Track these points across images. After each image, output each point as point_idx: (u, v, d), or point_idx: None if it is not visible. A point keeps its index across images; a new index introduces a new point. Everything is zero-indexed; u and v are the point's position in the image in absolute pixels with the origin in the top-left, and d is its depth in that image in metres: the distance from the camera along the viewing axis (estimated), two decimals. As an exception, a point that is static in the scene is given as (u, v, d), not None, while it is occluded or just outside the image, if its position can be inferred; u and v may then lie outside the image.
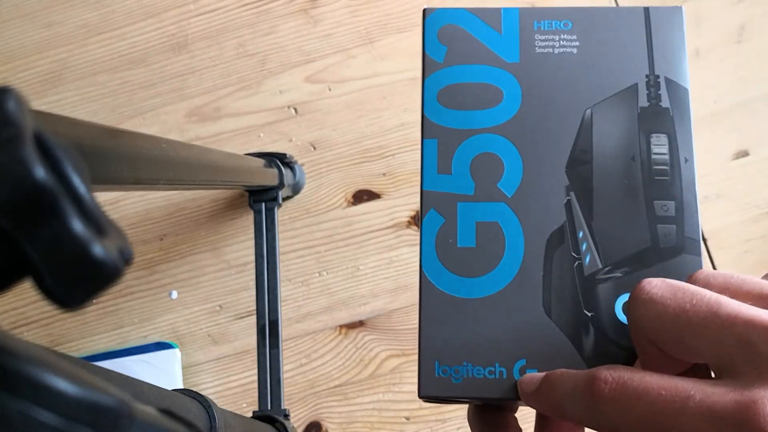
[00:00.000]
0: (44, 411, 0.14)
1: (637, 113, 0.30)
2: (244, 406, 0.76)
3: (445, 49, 0.31)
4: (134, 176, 0.34)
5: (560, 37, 0.31)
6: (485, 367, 0.27)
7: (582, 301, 0.28)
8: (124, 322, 0.79)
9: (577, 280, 0.28)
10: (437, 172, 0.30)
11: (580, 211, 0.29)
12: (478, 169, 0.30)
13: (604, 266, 0.28)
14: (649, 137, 0.29)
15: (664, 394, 0.20)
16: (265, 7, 0.84)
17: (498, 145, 0.30)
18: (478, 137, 0.30)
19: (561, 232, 0.29)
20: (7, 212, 0.13)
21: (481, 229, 0.29)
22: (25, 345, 0.15)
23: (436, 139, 0.30)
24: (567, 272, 0.28)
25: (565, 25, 0.31)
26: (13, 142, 0.13)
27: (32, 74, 0.85)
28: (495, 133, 0.30)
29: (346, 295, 0.77)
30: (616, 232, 0.28)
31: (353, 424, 0.74)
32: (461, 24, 0.31)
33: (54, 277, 0.14)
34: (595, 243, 0.28)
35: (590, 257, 0.28)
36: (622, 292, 0.28)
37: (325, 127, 0.81)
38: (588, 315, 0.28)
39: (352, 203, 0.79)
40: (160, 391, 0.31)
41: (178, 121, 0.82)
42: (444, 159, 0.30)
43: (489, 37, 0.31)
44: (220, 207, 0.80)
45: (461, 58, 0.31)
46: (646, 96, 0.30)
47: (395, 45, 0.82)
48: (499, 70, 0.31)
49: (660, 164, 0.29)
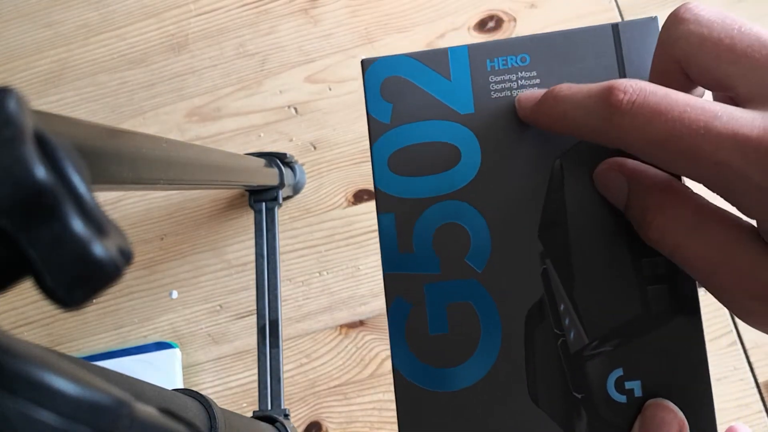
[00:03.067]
0: (44, 411, 0.14)
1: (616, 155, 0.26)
2: (244, 406, 0.76)
3: (390, 106, 0.27)
4: (134, 176, 0.34)
5: (518, 75, 0.26)
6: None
7: (570, 383, 0.25)
8: (124, 322, 0.79)
9: (563, 359, 0.25)
10: (398, 251, 0.26)
11: (558, 281, 0.25)
12: (442, 242, 0.26)
13: (590, 341, 0.25)
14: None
15: (689, 111, 0.19)
16: (265, 7, 0.84)
17: (461, 212, 0.26)
18: (437, 206, 0.26)
19: (540, 306, 0.25)
20: (7, 212, 0.13)
21: (452, 312, 0.26)
22: (25, 345, 0.15)
23: (392, 213, 0.26)
24: (551, 351, 0.25)
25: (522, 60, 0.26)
26: (13, 142, 0.13)
27: (32, 74, 0.85)
28: (456, 199, 0.26)
29: (346, 295, 0.77)
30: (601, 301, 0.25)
31: (353, 424, 0.74)
32: (404, 74, 0.27)
33: (54, 276, 0.14)
34: (578, 315, 0.25)
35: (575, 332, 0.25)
36: (613, 368, 0.25)
37: (325, 126, 0.81)
38: (578, 397, 0.25)
39: (353, 203, 0.79)
40: (160, 391, 0.31)
41: (178, 121, 0.82)
42: (404, 235, 0.26)
43: (437, 86, 0.27)
44: (220, 207, 0.80)
45: (409, 115, 0.27)
46: None
47: (395, 45, 0.82)
48: (453, 125, 0.27)
49: None
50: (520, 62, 0.26)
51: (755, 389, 0.71)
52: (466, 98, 0.27)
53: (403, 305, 0.26)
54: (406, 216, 0.26)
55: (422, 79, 0.27)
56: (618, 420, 0.25)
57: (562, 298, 0.25)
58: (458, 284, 0.26)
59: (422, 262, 0.26)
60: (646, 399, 0.25)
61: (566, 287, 0.25)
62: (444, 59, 0.27)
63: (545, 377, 0.25)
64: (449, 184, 0.26)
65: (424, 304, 0.26)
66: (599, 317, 0.25)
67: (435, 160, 0.27)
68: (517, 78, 0.26)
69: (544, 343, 0.25)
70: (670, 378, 0.24)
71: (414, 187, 0.27)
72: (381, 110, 0.27)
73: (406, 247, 0.26)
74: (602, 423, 0.25)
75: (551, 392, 0.25)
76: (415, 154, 0.27)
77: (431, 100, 0.27)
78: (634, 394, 0.25)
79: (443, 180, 0.26)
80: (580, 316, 0.25)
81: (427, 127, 0.27)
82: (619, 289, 0.25)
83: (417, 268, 0.26)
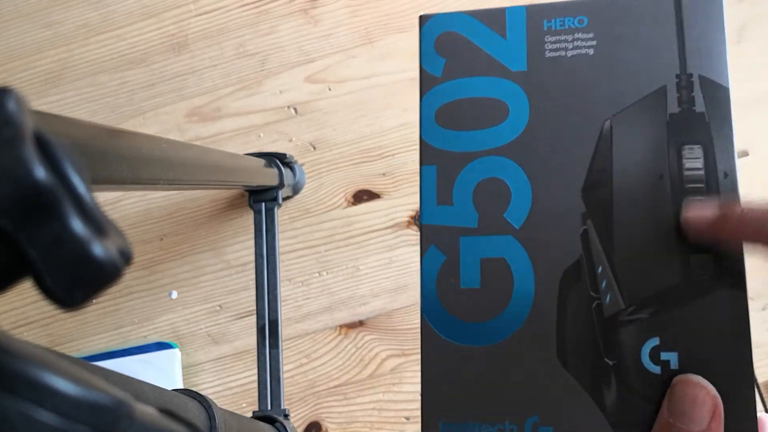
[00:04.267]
0: (44, 411, 0.14)
1: (666, 121, 0.25)
2: (244, 406, 0.76)
3: (444, 61, 0.28)
4: (134, 176, 0.34)
5: (574, 36, 0.27)
6: (494, 424, 0.25)
7: (602, 348, 0.24)
8: (124, 322, 0.79)
9: (596, 323, 0.25)
10: (437, 203, 0.27)
11: (598, 243, 0.25)
12: (482, 197, 0.26)
13: (627, 306, 0.24)
14: (681, 149, 0.25)
15: None
16: (265, 7, 0.84)
17: (503, 168, 0.26)
18: (481, 161, 0.27)
19: (577, 267, 0.25)
20: (7, 212, 0.13)
21: (486, 266, 0.26)
22: (25, 345, 0.15)
23: (434, 165, 0.27)
24: (584, 314, 0.25)
25: (580, 22, 0.27)
26: (13, 142, 0.13)
27: (32, 74, 0.85)
28: (500, 155, 0.26)
29: (346, 295, 0.77)
30: (640, 266, 0.24)
31: (353, 424, 0.74)
32: (461, 30, 0.28)
33: (54, 276, 0.14)
34: (616, 279, 0.25)
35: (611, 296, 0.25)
36: (649, 337, 0.24)
37: (325, 127, 0.81)
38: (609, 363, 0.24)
39: (352, 203, 0.79)
40: (160, 391, 0.31)
41: (178, 121, 0.82)
42: (444, 188, 0.27)
43: (492, 44, 0.27)
44: (220, 207, 0.80)
45: (461, 70, 0.27)
46: (677, 100, 0.25)
47: (395, 45, 0.82)
48: (504, 81, 0.27)
49: (694, 181, 0.25)
50: (578, 24, 0.27)
51: (755, 389, 0.71)
52: (519, 56, 0.27)
53: (437, 255, 0.26)
54: (449, 169, 0.27)
55: (478, 36, 0.27)
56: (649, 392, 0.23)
57: (600, 260, 0.25)
58: (495, 240, 0.26)
59: (460, 215, 0.26)
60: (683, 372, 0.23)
61: (606, 249, 0.25)
62: (501, 18, 0.27)
63: (576, 340, 0.25)
64: (495, 139, 0.27)
65: (458, 256, 0.26)
66: (638, 282, 0.24)
67: (482, 115, 0.27)
68: (573, 39, 0.27)
69: (577, 304, 0.25)
70: (710, 353, 0.23)
71: (459, 141, 0.27)
72: (434, 64, 0.28)
73: (445, 200, 0.27)
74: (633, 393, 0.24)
75: (581, 356, 0.24)
76: (463, 109, 0.27)
77: (484, 57, 0.27)
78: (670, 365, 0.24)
79: (489, 135, 0.27)
80: (618, 280, 0.25)
81: (477, 82, 0.27)
82: (661, 255, 0.24)
83: (454, 221, 0.26)
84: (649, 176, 0.25)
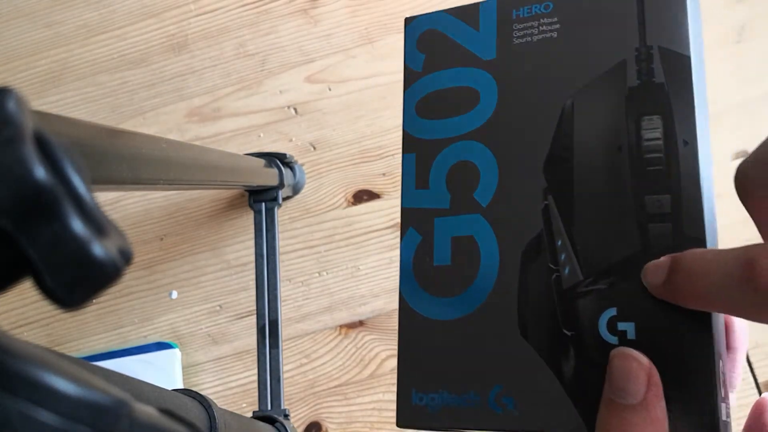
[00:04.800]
0: (44, 411, 0.14)
1: (625, 95, 0.25)
2: (244, 406, 0.76)
3: (423, 56, 0.29)
4: (134, 176, 0.34)
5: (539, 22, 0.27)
6: (461, 394, 0.25)
7: (561, 319, 0.25)
8: (124, 322, 0.79)
9: (555, 295, 0.25)
10: (415, 187, 0.28)
11: (558, 216, 0.25)
12: (454, 179, 0.28)
13: (585, 278, 0.24)
14: (639, 121, 0.25)
15: None
16: (265, 7, 0.84)
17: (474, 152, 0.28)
18: (454, 146, 0.28)
19: (538, 241, 0.26)
20: (7, 212, 0.13)
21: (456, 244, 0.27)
22: (24, 345, 0.15)
23: (414, 153, 0.29)
24: (544, 287, 0.25)
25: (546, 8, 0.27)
26: (13, 142, 0.13)
27: (32, 74, 0.85)
28: (471, 140, 0.28)
29: (346, 295, 0.77)
30: (599, 238, 0.25)
31: (353, 424, 0.74)
32: (440, 28, 0.29)
33: (54, 277, 0.14)
34: (575, 251, 0.25)
35: (569, 268, 0.25)
36: (606, 308, 0.24)
37: (325, 127, 0.81)
38: (568, 335, 0.24)
39: (352, 203, 0.79)
40: (160, 391, 0.31)
41: (178, 121, 0.82)
42: (422, 173, 0.28)
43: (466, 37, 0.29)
44: (220, 207, 0.80)
45: (439, 63, 0.29)
46: (636, 72, 0.25)
47: (395, 45, 0.82)
48: (476, 70, 0.28)
49: (652, 151, 0.25)
50: (544, 9, 0.28)
51: (755, 389, 0.71)
52: (489, 46, 0.28)
53: (414, 236, 0.28)
54: (426, 156, 0.29)
55: (454, 31, 0.29)
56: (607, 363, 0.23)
57: (560, 233, 0.25)
58: (464, 219, 0.27)
59: (435, 198, 0.28)
60: (640, 343, 0.23)
61: (565, 223, 0.25)
62: (475, 12, 0.29)
63: (536, 312, 0.25)
64: (467, 125, 0.28)
65: (432, 235, 0.28)
66: (596, 254, 0.25)
67: (456, 103, 0.28)
68: (538, 24, 0.28)
69: (538, 277, 0.25)
70: (667, 323, 0.23)
71: (435, 129, 0.29)
72: (415, 60, 0.30)
73: (422, 184, 0.28)
74: (590, 364, 0.24)
75: (541, 327, 0.25)
76: (439, 99, 0.29)
77: (458, 49, 0.29)
78: (627, 336, 0.24)
79: (462, 122, 0.28)
80: (576, 252, 0.25)
81: (452, 73, 0.29)
82: (619, 225, 0.24)
83: (430, 203, 0.28)
84: (609, 149, 0.25)
